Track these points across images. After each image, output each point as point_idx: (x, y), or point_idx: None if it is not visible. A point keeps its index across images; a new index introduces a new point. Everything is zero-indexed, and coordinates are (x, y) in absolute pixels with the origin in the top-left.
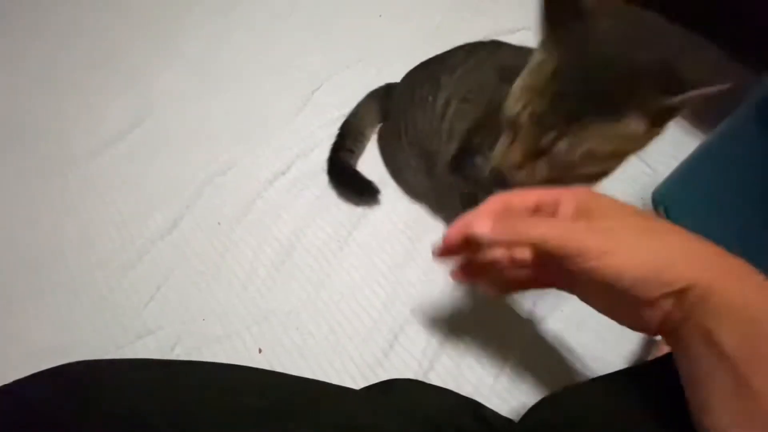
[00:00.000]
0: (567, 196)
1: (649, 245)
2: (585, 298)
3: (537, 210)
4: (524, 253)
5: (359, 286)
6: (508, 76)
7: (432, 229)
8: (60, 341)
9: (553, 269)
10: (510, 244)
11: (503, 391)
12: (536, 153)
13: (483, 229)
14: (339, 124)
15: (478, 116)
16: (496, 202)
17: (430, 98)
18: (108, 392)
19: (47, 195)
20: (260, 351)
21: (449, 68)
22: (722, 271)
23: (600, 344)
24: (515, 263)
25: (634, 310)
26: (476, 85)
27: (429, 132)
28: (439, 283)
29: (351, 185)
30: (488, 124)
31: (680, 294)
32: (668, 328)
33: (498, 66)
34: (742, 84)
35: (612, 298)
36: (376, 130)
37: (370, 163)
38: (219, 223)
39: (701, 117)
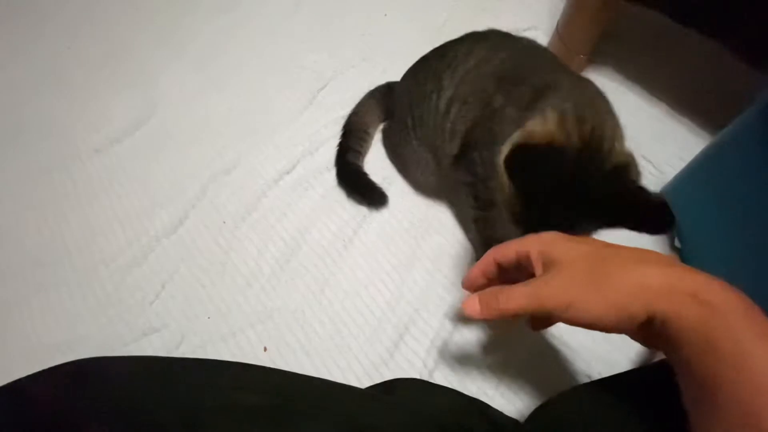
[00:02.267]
0: (533, 249)
1: (599, 294)
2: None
3: (518, 261)
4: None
5: (364, 285)
6: (505, 85)
7: (437, 228)
8: (65, 338)
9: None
10: (498, 318)
11: (508, 392)
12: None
13: (473, 313)
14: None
15: (476, 116)
16: (486, 262)
17: (434, 96)
18: (115, 389)
19: (52, 192)
20: (265, 349)
21: (450, 66)
22: (678, 299)
23: (605, 345)
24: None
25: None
26: (477, 88)
27: (434, 128)
28: (444, 283)
29: (359, 190)
30: (484, 123)
31: (646, 325)
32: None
33: (497, 74)
34: (749, 86)
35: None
36: (380, 128)
37: (376, 161)
38: (224, 222)
39: (708, 118)
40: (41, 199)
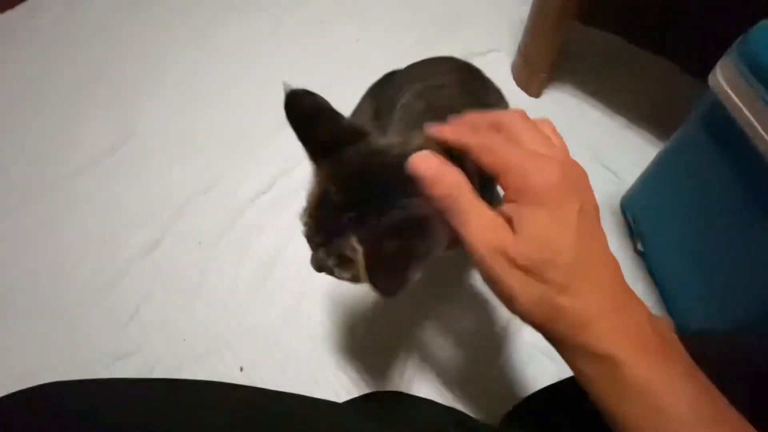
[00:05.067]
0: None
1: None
2: None
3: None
4: None
5: (342, 300)
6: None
7: None
8: (37, 365)
9: None
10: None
11: (485, 399)
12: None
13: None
14: None
15: None
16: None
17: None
18: (84, 411)
19: (26, 214)
20: (241, 369)
21: (393, 100)
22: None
23: None
24: None
25: None
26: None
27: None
28: (421, 297)
29: None
30: None
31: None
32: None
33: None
34: (695, 96)
35: None
36: None
37: None
38: (200, 243)
39: (662, 128)
40: (15, 220)
